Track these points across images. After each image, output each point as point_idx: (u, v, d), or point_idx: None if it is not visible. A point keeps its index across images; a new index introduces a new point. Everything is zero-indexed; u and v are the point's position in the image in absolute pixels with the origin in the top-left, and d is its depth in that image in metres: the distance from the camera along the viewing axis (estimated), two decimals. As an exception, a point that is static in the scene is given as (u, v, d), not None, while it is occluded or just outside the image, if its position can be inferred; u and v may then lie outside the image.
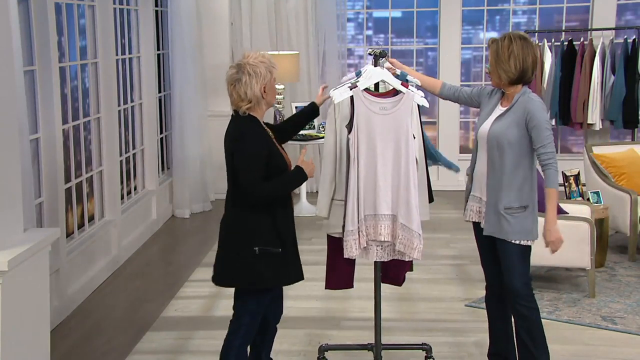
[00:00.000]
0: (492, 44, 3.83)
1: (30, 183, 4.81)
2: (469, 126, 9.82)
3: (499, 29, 9.69)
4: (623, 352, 4.64)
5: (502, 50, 3.77)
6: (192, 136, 8.11)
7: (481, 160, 3.92)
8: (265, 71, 3.55)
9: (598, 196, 6.06)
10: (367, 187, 3.81)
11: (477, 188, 3.97)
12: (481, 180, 3.92)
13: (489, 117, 3.90)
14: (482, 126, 3.92)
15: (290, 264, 3.63)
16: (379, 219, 3.82)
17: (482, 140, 3.90)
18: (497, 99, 3.94)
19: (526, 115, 3.73)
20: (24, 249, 3.27)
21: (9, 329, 3.17)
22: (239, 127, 3.56)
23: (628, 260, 6.34)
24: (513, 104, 3.80)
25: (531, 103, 3.76)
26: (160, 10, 8.16)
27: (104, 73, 6.33)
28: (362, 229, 3.80)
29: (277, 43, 8.76)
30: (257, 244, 3.50)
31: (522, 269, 3.85)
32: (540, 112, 3.75)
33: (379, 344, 4.19)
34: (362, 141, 3.80)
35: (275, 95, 3.71)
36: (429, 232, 5.31)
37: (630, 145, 7.05)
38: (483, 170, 3.90)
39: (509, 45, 3.75)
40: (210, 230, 7.43)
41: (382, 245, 3.87)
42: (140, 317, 5.31)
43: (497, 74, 3.82)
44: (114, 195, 6.45)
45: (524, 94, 3.81)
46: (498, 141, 3.78)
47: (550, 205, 3.72)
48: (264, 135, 3.56)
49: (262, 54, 3.61)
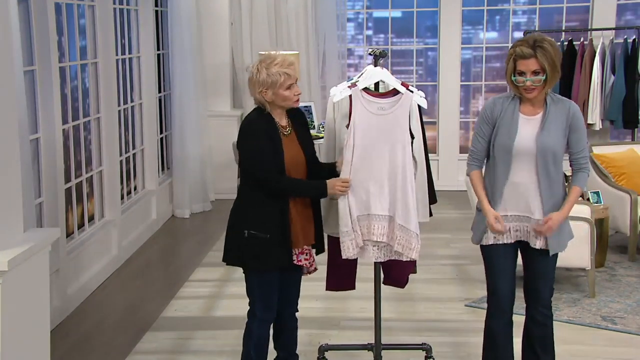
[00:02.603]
0: (539, 52, 3.50)
1: (30, 183, 4.81)
2: (469, 126, 9.82)
3: (499, 29, 9.69)
4: (623, 352, 4.64)
5: (554, 55, 3.52)
6: (192, 136, 8.11)
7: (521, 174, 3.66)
8: (267, 77, 3.66)
9: (598, 196, 6.06)
10: (360, 187, 3.78)
11: (513, 205, 3.70)
12: (525, 195, 3.67)
13: (519, 128, 3.63)
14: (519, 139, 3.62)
15: (273, 250, 3.71)
16: (373, 219, 3.79)
17: (523, 154, 3.63)
18: (514, 106, 3.67)
19: (570, 119, 3.61)
20: (24, 249, 3.26)
21: (9, 329, 3.17)
22: (243, 122, 3.78)
23: (628, 260, 6.34)
24: (549, 110, 3.62)
25: (573, 106, 3.65)
26: (160, 10, 8.16)
27: (104, 73, 6.33)
28: (356, 229, 3.78)
29: (277, 43, 8.76)
30: (247, 227, 3.70)
31: (554, 276, 3.87)
32: (581, 114, 3.67)
33: (379, 344, 4.19)
34: (358, 141, 3.77)
35: (288, 100, 3.73)
36: (429, 232, 5.31)
37: (630, 145, 7.05)
38: (528, 184, 3.65)
39: (553, 48, 3.53)
40: (210, 230, 7.43)
41: (378, 245, 3.83)
42: (140, 317, 5.31)
43: (552, 83, 3.57)
44: (114, 195, 6.45)
45: (554, 97, 3.66)
46: (553, 151, 3.59)
47: (573, 201, 3.67)
48: (263, 129, 3.67)
49: (276, 60, 3.70)
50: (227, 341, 4.79)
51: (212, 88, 8.63)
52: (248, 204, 3.74)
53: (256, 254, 3.72)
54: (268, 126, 3.70)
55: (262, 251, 3.71)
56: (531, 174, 3.64)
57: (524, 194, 3.66)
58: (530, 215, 3.68)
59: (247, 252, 3.73)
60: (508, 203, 3.70)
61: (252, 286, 3.82)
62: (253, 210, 3.72)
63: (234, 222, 3.78)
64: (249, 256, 3.73)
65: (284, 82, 3.66)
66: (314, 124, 8.10)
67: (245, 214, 3.74)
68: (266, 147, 3.65)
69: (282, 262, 3.76)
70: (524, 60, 3.53)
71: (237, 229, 3.74)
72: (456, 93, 9.24)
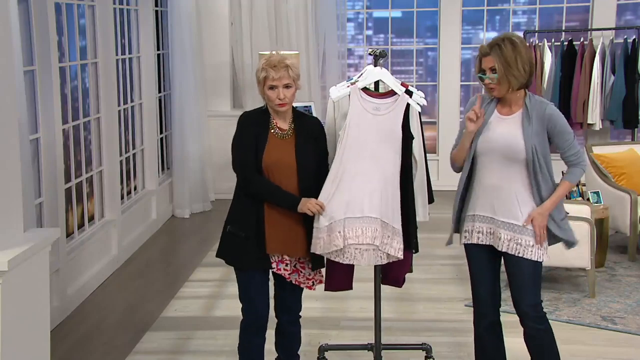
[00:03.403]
0: (494, 50, 3.54)
1: (30, 183, 4.81)
2: (468, 126, 9.82)
3: (499, 29, 9.69)
4: (623, 352, 4.64)
5: (508, 54, 3.51)
6: (192, 136, 8.12)
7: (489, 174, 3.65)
8: (256, 75, 3.70)
9: (598, 196, 6.06)
10: (348, 188, 3.69)
11: (480, 206, 3.70)
12: (491, 197, 3.64)
13: (492, 127, 3.62)
14: (486, 138, 3.63)
15: (247, 250, 3.70)
16: (365, 222, 3.68)
17: (490, 153, 3.62)
18: (492, 108, 3.67)
19: (547, 122, 3.55)
20: (24, 249, 3.26)
21: (9, 329, 3.17)
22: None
23: (628, 260, 6.34)
24: (526, 110, 3.59)
25: (549, 107, 3.58)
26: (160, 10, 8.16)
27: (104, 73, 6.33)
28: (341, 231, 3.65)
29: (277, 43, 8.76)
30: (230, 223, 3.76)
31: (535, 284, 3.69)
32: (561, 115, 3.60)
33: (379, 344, 4.19)
34: (351, 139, 3.75)
35: (271, 102, 3.66)
36: (429, 232, 5.31)
37: (630, 145, 7.06)
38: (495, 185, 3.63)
39: (513, 48, 3.53)
40: (210, 230, 7.43)
41: (360, 248, 3.69)
42: (140, 317, 5.31)
43: (506, 82, 3.54)
44: (114, 195, 6.45)
45: (533, 98, 3.63)
46: (524, 152, 3.55)
47: (559, 195, 3.59)
48: (250, 124, 3.70)
49: (263, 58, 3.70)
50: (227, 341, 4.79)
51: (212, 88, 8.63)
52: (234, 200, 3.79)
53: (233, 251, 3.74)
54: (258, 123, 3.69)
55: (237, 249, 3.72)
56: (500, 175, 3.61)
57: (492, 196, 3.63)
58: (494, 216, 3.64)
59: (226, 247, 3.77)
60: (476, 203, 3.70)
61: (238, 284, 3.82)
62: (235, 206, 3.77)
63: (226, 217, 3.84)
64: (228, 252, 3.78)
65: (263, 80, 3.62)
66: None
67: (230, 209, 3.80)
68: (247, 142, 3.65)
69: (256, 265, 3.71)
70: (484, 58, 3.59)
71: (224, 224, 3.80)
72: (456, 93, 9.24)
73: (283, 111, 3.69)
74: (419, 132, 3.95)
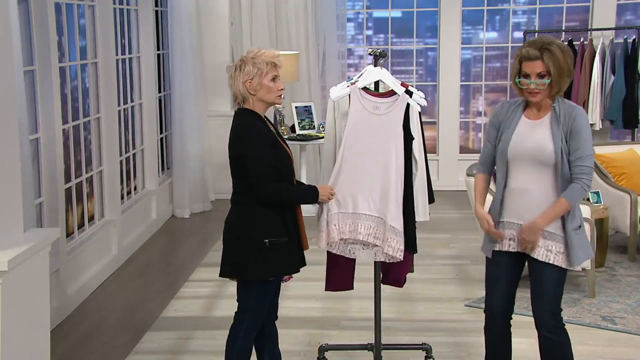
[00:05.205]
0: (546, 55, 3.42)
1: (30, 183, 4.81)
2: (469, 126, 9.83)
3: (499, 29, 9.70)
4: (623, 352, 4.64)
5: (561, 59, 3.42)
6: (192, 136, 8.12)
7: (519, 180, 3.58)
8: (252, 67, 3.53)
9: (598, 196, 6.06)
10: (347, 184, 3.76)
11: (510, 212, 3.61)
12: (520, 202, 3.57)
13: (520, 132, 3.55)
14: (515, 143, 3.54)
15: (293, 253, 3.65)
16: (359, 218, 3.77)
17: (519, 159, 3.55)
18: (520, 110, 3.60)
19: (570, 122, 3.48)
20: (24, 249, 3.26)
21: (9, 329, 3.17)
22: (241, 123, 3.59)
23: (628, 260, 6.34)
24: (555, 115, 3.53)
25: (577, 110, 3.52)
26: (160, 10, 8.16)
27: (104, 73, 6.33)
28: (336, 224, 3.76)
29: (277, 43, 8.76)
30: (266, 236, 3.54)
31: (557, 294, 3.69)
32: (586, 119, 3.52)
33: (379, 344, 4.19)
34: (350, 137, 3.77)
35: (272, 93, 3.59)
36: (429, 232, 5.31)
37: (630, 145, 7.05)
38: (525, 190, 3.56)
39: (562, 53, 3.43)
40: (210, 230, 7.43)
41: (364, 245, 3.80)
42: (140, 317, 5.31)
43: (557, 87, 3.46)
44: (114, 195, 6.45)
45: (563, 102, 3.56)
46: (553, 157, 3.49)
47: (554, 213, 3.48)
48: (265, 129, 3.57)
49: (261, 51, 3.60)
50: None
51: (212, 88, 8.63)
52: (249, 212, 3.57)
53: (279, 260, 3.58)
54: (266, 126, 3.59)
55: (283, 256, 3.59)
56: (529, 179, 3.54)
57: (520, 201, 3.56)
58: (523, 222, 3.55)
59: (271, 261, 3.56)
60: (506, 210, 3.62)
61: (249, 296, 3.65)
62: (257, 217, 3.55)
63: (243, 233, 3.58)
64: (274, 264, 3.57)
65: (269, 70, 3.54)
66: (314, 124, 8.10)
67: (249, 223, 3.57)
68: (266, 153, 3.53)
69: (303, 262, 3.70)
70: (529, 62, 3.46)
71: (251, 239, 3.55)
72: (456, 93, 9.24)
73: (279, 102, 3.68)
74: (419, 132, 3.96)
